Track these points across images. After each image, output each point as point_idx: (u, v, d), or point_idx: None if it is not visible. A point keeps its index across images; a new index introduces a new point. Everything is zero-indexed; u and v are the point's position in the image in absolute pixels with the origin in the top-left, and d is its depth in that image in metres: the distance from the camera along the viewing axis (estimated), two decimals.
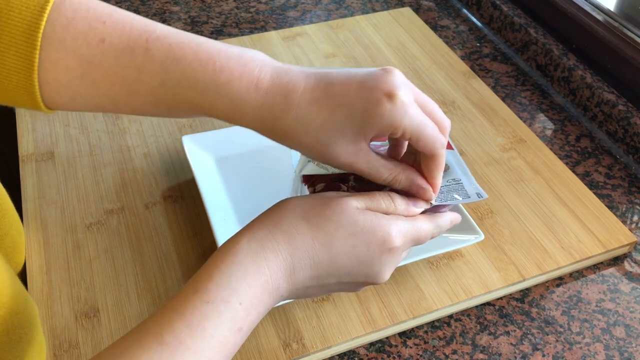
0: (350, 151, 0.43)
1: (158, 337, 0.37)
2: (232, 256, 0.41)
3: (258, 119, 0.44)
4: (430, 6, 1.08)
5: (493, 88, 0.90)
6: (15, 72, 0.42)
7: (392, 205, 0.46)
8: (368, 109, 0.42)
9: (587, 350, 0.59)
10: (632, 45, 0.83)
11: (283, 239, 0.42)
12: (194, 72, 0.43)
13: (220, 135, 0.73)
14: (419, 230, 0.46)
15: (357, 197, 0.45)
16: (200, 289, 0.39)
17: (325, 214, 0.43)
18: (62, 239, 0.66)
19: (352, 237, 0.43)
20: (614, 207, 0.73)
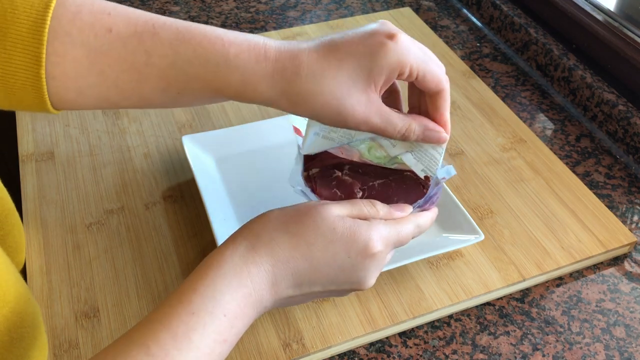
0: (364, 102, 0.44)
1: (144, 348, 0.37)
2: (216, 269, 0.41)
3: (271, 86, 0.44)
4: (430, 6, 1.08)
5: (493, 88, 0.90)
6: (22, 70, 0.42)
7: (373, 210, 0.46)
8: (373, 52, 0.43)
9: (587, 350, 0.59)
10: (632, 45, 0.83)
11: (264, 251, 0.42)
12: (204, 50, 0.44)
13: (220, 135, 0.73)
14: (399, 233, 0.46)
15: (338, 205, 0.45)
16: (184, 300, 0.40)
17: (304, 222, 0.43)
18: (62, 239, 0.66)
19: (331, 245, 0.43)
20: (614, 207, 0.73)
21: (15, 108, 0.46)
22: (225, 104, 0.83)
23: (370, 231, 0.44)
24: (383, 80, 0.44)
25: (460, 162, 0.76)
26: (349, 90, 0.43)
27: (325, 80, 0.43)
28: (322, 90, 0.43)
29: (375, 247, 0.44)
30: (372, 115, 0.45)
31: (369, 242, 0.44)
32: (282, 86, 0.44)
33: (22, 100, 0.44)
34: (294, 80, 0.43)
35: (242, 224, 0.65)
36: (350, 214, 0.45)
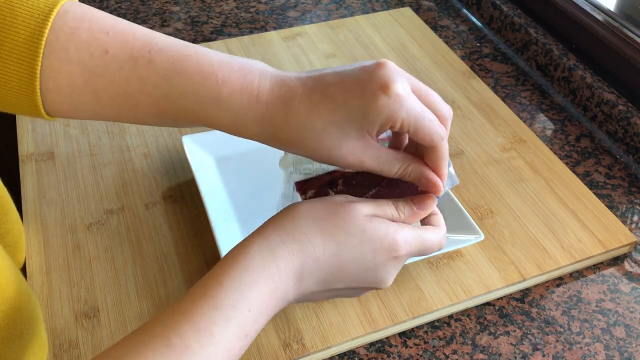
0: (358, 149, 0.44)
1: (165, 340, 0.37)
2: (243, 262, 0.41)
3: (261, 130, 0.44)
4: (430, 6, 1.08)
5: (493, 88, 0.90)
6: (17, 79, 0.42)
7: (396, 213, 0.46)
8: (365, 105, 0.42)
9: (587, 350, 0.59)
10: (632, 45, 0.83)
11: (295, 246, 0.42)
12: (197, 86, 0.44)
13: (220, 135, 0.73)
14: (424, 241, 0.47)
15: (365, 204, 0.45)
16: (208, 293, 0.39)
17: (334, 221, 0.44)
18: (62, 239, 0.66)
19: (360, 245, 0.43)
20: (614, 207, 0.73)
21: (13, 112, 0.46)
22: None
23: (397, 234, 0.44)
24: (376, 130, 0.43)
25: (460, 162, 0.76)
26: (342, 141, 0.43)
27: (316, 129, 0.43)
28: (311, 137, 0.43)
29: (400, 249, 0.44)
30: (367, 160, 0.45)
31: (395, 245, 0.44)
32: (272, 131, 0.44)
33: (17, 107, 0.44)
34: (283, 127, 0.44)
35: (242, 224, 0.65)
36: (376, 214, 0.45)
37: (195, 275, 0.63)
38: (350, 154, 0.44)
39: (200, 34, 0.98)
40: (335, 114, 0.43)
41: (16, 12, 0.41)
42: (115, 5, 1.04)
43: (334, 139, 0.43)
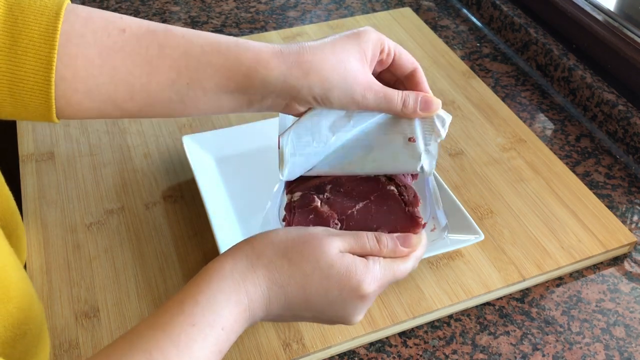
0: (363, 71, 0.48)
1: (146, 354, 0.38)
2: (217, 283, 0.43)
3: (282, 60, 0.47)
4: (430, 6, 1.08)
5: (493, 88, 0.90)
6: (32, 74, 0.43)
7: (377, 247, 0.47)
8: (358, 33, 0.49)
9: (587, 350, 0.59)
10: (632, 45, 0.83)
11: (262, 273, 0.44)
12: (215, 39, 0.47)
13: (220, 135, 0.73)
14: (395, 273, 0.47)
15: (342, 238, 0.46)
16: (186, 311, 0.41)
17: (304, 252, 0.44)
18: (62, 239, 0.66)
19: (326, 280, 0.44)
20: (614, 207, 0.73)
21: (18, 116, 0.46)
22: None
23: (365, 273, 0.45)
24: (371, 53, 0.49)
25: (460, 162, 0.76)
26: (349, 59, 0.48)
27: (327, 51, 0.48)
28: (327, 57, 0.47)
29: (366, 289, 0.45)
30: (374, 82, 0.49)
31: (362, 284, 0.45)
32: (292, 58, 0.47)
33: (27, 106, 0.45)
34: (301, 52, 0.47)
35: (242, 224, 0.65)
36: (352, 249, 0.46)
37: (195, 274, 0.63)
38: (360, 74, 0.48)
39: None
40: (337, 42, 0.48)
41: (27, 12, 0.43)
42: (116, 5, 1.04)
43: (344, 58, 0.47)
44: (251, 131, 0.74)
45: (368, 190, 0.51)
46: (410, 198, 0.51)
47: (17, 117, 0.46)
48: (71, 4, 0.45)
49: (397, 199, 0.51)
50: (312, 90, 0.47)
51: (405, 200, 0.51)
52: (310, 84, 0.47)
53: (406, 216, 0.50)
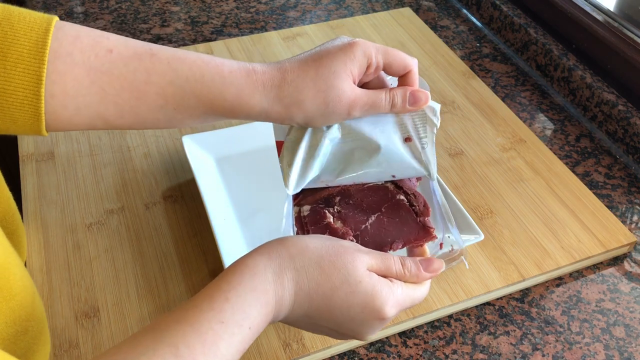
0: (348, 89, 0.48)
1: (173, 348, 0.38)
2: (249, 280, 0.43)
3: (264, 95, 0.48)
4: (430, 6, 1.08)
5: (493, 88, 0.90)
6: (22, 89, 0.44)
7: (401, 270, 0.47)
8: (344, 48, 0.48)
9: (587, 350, 0.59)
10: (632, 45, 0.83)
11: (293, 277, 0.44)
12: (199, 68, 0.47)
13: (220, 135, 0.73)
14: (414, 300, 0.48)
15: (370, 256, 0.46)
16: (215, 307, 0.41)
17: (337, 264, 0.45)
18: (62, 239, 0.66)
19: (352, 296, 0.45)
20: (614, 207, 0.73)
21: (6, 130, 0.46)
22: None
23: (389, 296, 0.46)
24: (357, 71, 0.48)
25: (460, 162, 0.76)
26: (332, 82, 0.48)
27: (309, 79, 0.48)
28: (307, 87, 0.48)
29: (388, 312, 0.46)
30: (359, 96, 0.49)
31: (384, 307, 0.45)
32: (274, 93, 0.47)
33: (16, 120, 0.45)
34: (282, 85, 0.48)
35: (242, 224, 0.65)
36: (378, 269, 0.46)
37: (195, 274, 0.63)
38: (343, 94, 0.48)
39: (200, 34, 0.98)
40: (322, 61, 0.48)
41: (16, 27, 0.43)
42: (116, 6, 1.04)
43: (327, 83, 0.48)
44: (251, 131, 0.74)
45: (378, 200, 0.51)
46: (420, 207, 0.51)
47: (5, 131, 0.46)
48: (60, 21, 0.46)
49: (407, 209, 0.51)
50: (294, 120, 0.49)
51: (416, 210, 0.51)
52: (292, 116, 0.49)
53: (418, 227, 0.50)
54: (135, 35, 0.97)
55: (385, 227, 0.50)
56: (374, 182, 0.52)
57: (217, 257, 0.63)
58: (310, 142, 0.50)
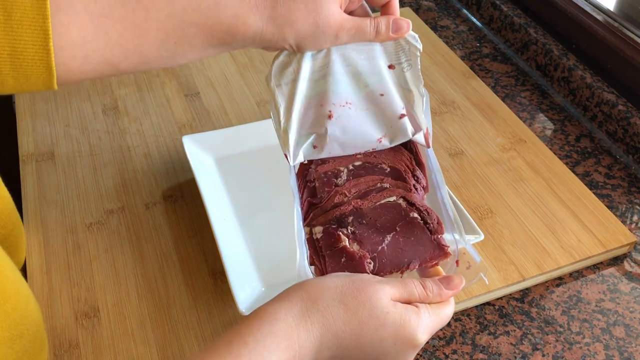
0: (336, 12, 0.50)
1: None
2: (269, 325, 0.43)
3: (258, 16, 0.49)
4: (430, 6, 1.08)
5: (493, 88, 0.90)
6: (31, 45, 0.45)
7: (424, 293, 0.47)
8: None
9: (587, 350, 0.59)
10: (632, 45, 0.83)
11: (317, 319, 0.44)
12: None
13: (220, 135, 0.73)
14: (443, 320, 0.47)
15: (391, 285, 0.46)
16: (234, 352, 0.41)
17: (360, 299, 0.44)
18: (62, 239, 0.66)
19: (381, 329, 0.44)
20: (614, 207, 0.73)
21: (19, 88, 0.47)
22: (225, 103, 0.83)
23: (418, 322, 0.45)
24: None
25: (460, 162, 0.76)
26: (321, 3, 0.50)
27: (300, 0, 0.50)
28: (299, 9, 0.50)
29: (420, 339, 0.45)
30: (346, 20, 0.51)
31: (416, 334, 0.45)
32: (267, 13, 0.49)
33: (29, 77, 0.46)
34: (275, 6, 0.50)
35: (242, 224, 0.65)
36: (401, 296, 0.46)
37: (195, 274, 0.63)
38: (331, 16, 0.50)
39: None
40: None
41: None
42: None
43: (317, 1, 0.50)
44: (251, 131, 0.74)
45: (392, 219, 0.51)
46: (434, 225, 0.50)
47: (19, 89, 0.48)
48: None
49: (422, 227, 0.50)
50: (286, 41, 0.51)
51: (430, 228, 0.50)
52: (284, 37, 0.50)
53: (433, 245, 0.50)
54: None
55: (401, 247, 0.50)
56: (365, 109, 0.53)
57: (217, 257, 0.63)
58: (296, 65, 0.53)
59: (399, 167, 0.53)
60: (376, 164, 0.53)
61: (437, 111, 0.83)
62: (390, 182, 0.52)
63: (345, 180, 0.52)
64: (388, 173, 0.52)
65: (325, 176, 0.52)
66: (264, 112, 0.82)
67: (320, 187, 0.51)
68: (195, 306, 0.60)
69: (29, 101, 0.82)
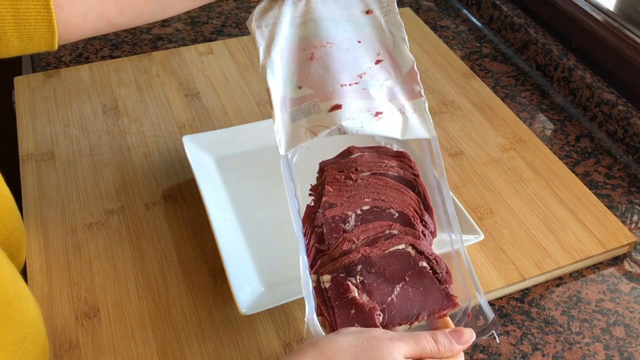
0: None
1: None
2: None
3: None
4: (430, 6, 1.08)
5: (493, 88, 0.90)
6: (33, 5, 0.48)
7: (435, 348, 0.47)
8: None
9: (587, 350, 0.59)
10: (632, 45, 0.83)
11: None
12: None
13: (220, 135, 0.73)
14: None
15: (404, 342, 0.46)
16: None
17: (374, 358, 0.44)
18: (62, 239, 0.66)
19: None
20: (614, 207, 0.74)
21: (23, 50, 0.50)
22: (225, 103, 0.83)
23: None
24: None
25: (460, 162, 0.76)
26: None
27: None
28: None
29: None
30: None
31: None
32: None
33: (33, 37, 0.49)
34: None
35: (242, 224, 0.65)
36: (414, 353, 0.46)
37: (195, 274, 0.63)
38: None
39: (201, 34, 0.98)
40: None
41: None
42: None
43: None
44: (251, 131, 0.74)
45: (401, 268, 0.50)
46: (443, 274, 0.50)
47: (22, 50, 0.50)
48: None
49: (431, 277, 0.50)
50: None
51: (439, 278, 0.50)
52: None
53: (442, 295, 0.49)
54: (136, 35, 0.97)
55: (410, 297, 0.49)
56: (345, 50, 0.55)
57: (217, 257, 0.64)
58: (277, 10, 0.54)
59: (408, 212, 0.52)
60: (384, 209, 0.52)
61: (437, 111, 0.83)
62: (398, 228, 0.51)
63: (354, 225, 0.51)
64: (396, 218, 0.51)
65: (333, 221, 0.51)
66: (264, 112, 0.82)
67: (328, 232, 0.50)
68: (195, 306, 0.60)
69: (29, 101, 0.82)
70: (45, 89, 0.84)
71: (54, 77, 0.86)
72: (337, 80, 0.53)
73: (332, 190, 0.52)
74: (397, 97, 0.54)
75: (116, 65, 0.88)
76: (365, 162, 0.53)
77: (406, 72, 0.54)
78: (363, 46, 0.55)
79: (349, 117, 0.51)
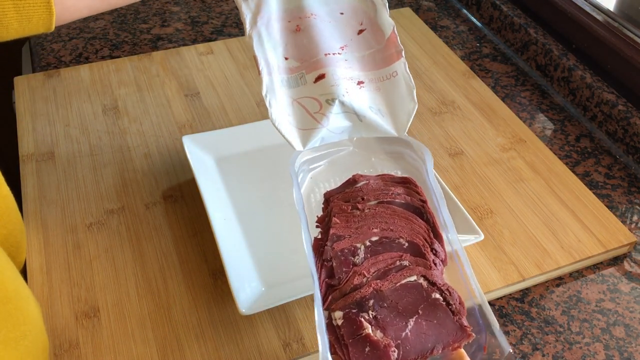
0: None
1: None
2: None
3: None
4: (430, 6, 1.08)
5: (493, 88, 0.90)
6: None
7: None
8: None
9: (587, 350, 0.59)
10: (632, 45, 0.83)
11: None
12: None
13: (220, 135, 0.73)
14: None
15: None
16: None
17: None
18: (62, 238, 0.66)
19: None
20: (614, 207, 0.74)
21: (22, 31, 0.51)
22: (225, 103, 0.83)
23: None
24: None
25: (460, 162, 0.76)
26: None
27: None
28: None
29: None
30: None
31: None
32: None
33: (31, 18, 0.51)
34: None
35: (242, 224, 0.65)
36: None
37: (195, 274, 0.63)
38: None
39: (201, 34, 0.98)
40: None
41: None
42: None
43: None
44: (251, 131, 0.74)
45: (413, 301, 0.49)
46: (456, 305, 0.49)
47: (21, 32, 0.52)
48: None
49: (444, 308, 0.49)
50: None
51: (452, 309, 0.49)
52: None
53: (455, 327, 0.48)
54: (136, 35, 0.97)
55: (424, 331, 0.48)
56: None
57: (217, 257, 0.64)
58: None
59: (417, 241, 0.51)
60: (394, 239, 0.51)
61: (437, 111, 0.83)
62: (409, 258, 0.50)
63: (363, 258, 0.50)
64: (406, 248, 0.51)
65: (342, 254, 0.50)
66: (264, 112, 0.82)
67: (338, 266, 0.49)
68: (195, 306, 0.60)
69: (29, 101, 0.82)
70: (45, 89, 0.84)
71: (54, 77, 0.86)
72: (321, 51, 0.55)
73: (339, 221, 0.51)
74: (378, 64, 0.56)
75: (116, 65, 0.88)
76: (372, 191, 0.53)
77: (387, 37, 0.55)
78: (345, 17, 0.57)
79: (333, 83, 0.53)
